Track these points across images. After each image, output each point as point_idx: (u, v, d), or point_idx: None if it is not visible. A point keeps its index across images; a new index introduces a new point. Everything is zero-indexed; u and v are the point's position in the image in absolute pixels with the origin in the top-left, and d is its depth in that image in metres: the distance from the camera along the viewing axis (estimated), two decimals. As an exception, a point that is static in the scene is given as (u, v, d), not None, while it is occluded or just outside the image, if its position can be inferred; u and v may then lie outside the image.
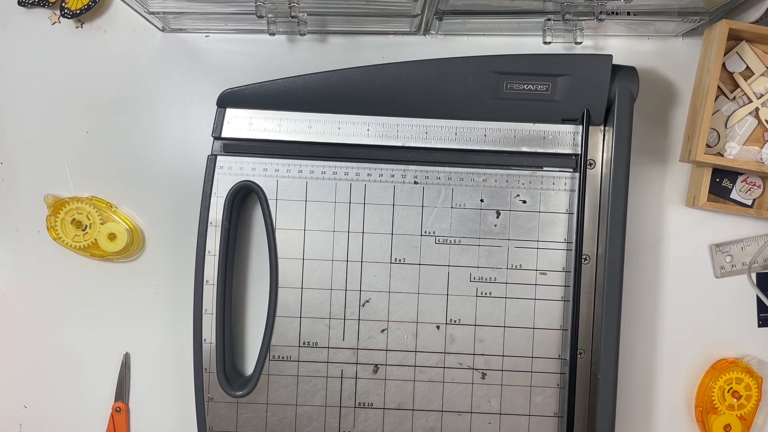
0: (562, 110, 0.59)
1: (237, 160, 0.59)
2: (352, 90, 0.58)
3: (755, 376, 0.63)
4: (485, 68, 0.58)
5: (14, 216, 0.64)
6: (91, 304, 0.65)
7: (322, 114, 0.59)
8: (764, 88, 0.62)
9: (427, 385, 0.60)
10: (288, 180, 0.59)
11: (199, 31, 0.64)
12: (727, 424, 0.63)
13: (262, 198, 0.59)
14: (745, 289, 0.65)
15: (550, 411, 0.60)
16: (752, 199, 0.63)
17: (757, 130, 0.62)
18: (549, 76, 0.58)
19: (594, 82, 0.58)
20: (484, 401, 0.60)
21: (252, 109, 0.59)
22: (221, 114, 0.59)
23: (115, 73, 0.64)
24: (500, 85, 0.58)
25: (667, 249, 0.65)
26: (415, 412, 0.60)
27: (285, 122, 0.59)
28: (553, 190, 0.60)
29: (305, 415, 0.60)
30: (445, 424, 0.60)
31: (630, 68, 0.59)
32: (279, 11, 0.57)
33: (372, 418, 0.60)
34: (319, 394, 0.60)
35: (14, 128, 0.64)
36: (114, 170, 0.64)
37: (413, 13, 0.58)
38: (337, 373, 0.60)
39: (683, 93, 0.64)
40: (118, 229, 0.62)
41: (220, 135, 0.59)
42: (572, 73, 0.58)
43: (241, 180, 0.59)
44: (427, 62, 0.58)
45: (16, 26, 0.64)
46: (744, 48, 0.62)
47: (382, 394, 0.60)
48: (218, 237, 0.59)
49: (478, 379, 0.60)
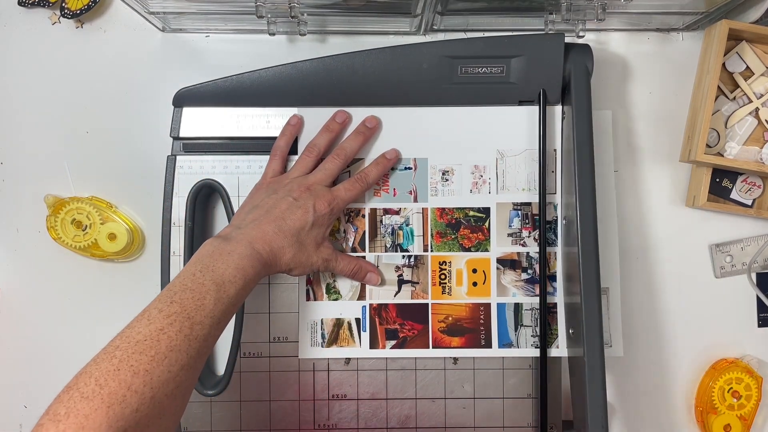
0: (519, 92, 0.59)
1: (197, 159, 0.59)
2: (308, 82, 0.59)
3: (755, 376, 0.63)
4: (438, 53, 0.58)
5: (14, 216, 0.64)
6: (91, 304, 0.65)
7: (280, 108, 0.59)
8: (764, 88, 0.62)
9: (399, 374, 0.60)
10: (249, 176, 0.59)
11: (199, 31, 0.64)
12: (727, 424, 0.63)
13: (224, 196, 0.59)
14: (745, 289, 0.65)
15: (524, 392, 0.60)
16: (752, 199, 0.63)
17: (757, 130, 0.62)
18: (502, 58, 0.58)
19: (548, 61, 0.58)
20: (458, 386, 0.60)
21: (208, 106, 0.59)
22: (178, 113, 0.59)
23: (115, 73, 0.64)
24: (455, 70, 0.58)
25: (667, 249, 0.65)
26: (389, 401, 0.60)
27: (243, 118, 0.59)
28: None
29: (280, 410, 0.60)
30: (420, 411, 0.60)
31: (584, 46, 0.59)
32: (279, 11, 0.57)
33: (346, 410, 0.60)
34: (292, 388, 0.60)
35: (14, 128, 0.64)
36: (114, 170, 0.64)
37: (414, 13, 0.58)
38: (309, 366, 0.60)
39: (683, 93, 0.64)
40: (118, 229, 0.62)
41: (178, 135, 0.59)
42: (525, 53, 0.58)
43: (202, 179, 0.59)
44: (381, 50, 0.59)
45: (16, 26, 0.64)
46: (744, 48, 0.62)
47: (355, 384, 0.60)
48: (182, 237, 0.59)
49: (450, 364, 0.60)
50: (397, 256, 0.60)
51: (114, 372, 0.40)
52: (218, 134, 0.59)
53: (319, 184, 0.55)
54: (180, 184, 0.59)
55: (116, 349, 0.42)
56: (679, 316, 0.65)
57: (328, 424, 0.60)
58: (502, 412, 0.61)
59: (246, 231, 0.51)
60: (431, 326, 0.59)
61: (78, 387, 0.39)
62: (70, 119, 0.64)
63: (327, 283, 0.60)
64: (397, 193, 0.60)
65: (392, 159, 0.59)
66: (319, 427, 0.60)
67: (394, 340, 0.59)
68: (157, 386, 0.41)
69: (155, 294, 0.62)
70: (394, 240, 0.60)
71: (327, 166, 0.57)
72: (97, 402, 0.38)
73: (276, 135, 0.59)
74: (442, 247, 0.60)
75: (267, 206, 0.53)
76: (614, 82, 0.64)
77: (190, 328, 0.44)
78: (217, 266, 0.48)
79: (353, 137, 0.58)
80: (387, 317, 0.59)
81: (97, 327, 0.65)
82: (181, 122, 0.59)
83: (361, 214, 0.60)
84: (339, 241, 0.59)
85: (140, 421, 0.39)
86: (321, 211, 0.54)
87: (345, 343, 0.59)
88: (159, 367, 0.41)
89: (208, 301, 0.45)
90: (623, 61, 0.64)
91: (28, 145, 0.64)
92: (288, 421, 0.60)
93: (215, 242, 0.50)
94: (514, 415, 0.61)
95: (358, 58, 0.58)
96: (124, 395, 0.39)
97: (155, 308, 0.44)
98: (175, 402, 0.42)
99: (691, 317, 0.65)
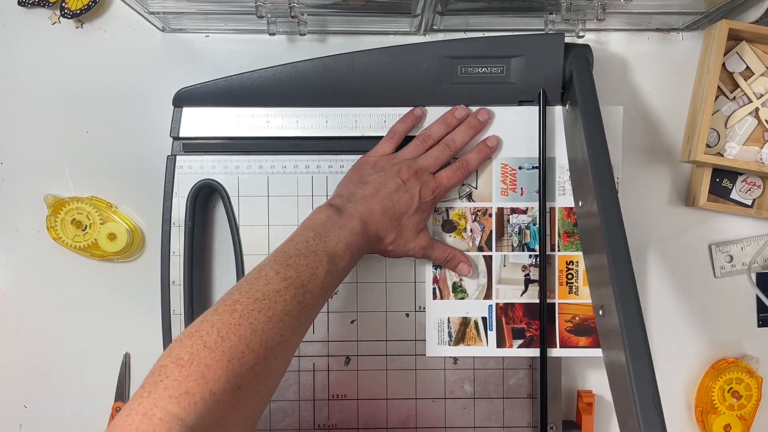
0: (519, 91, 0.59)
1: (197, 159, 0.59)
2: (308, 82, 0.59)
3: (755, 376, 0.63)
4: (438, 53, 0.58)
5: (14, 216, 0.64)
6: (91, 304, 0.65)
7: (279, 108, 0.59)
8: (764, 88, 0.62)
9: (399, 374, 0.60)
10: (249, 176, 0.59)
11: (199, 31, 0.64)
12: (727, 424, 0.63)
13: (224, 196, 0.59)
14: (745, 289, 0.65)
15: (524, 392, 0.60)
16: (752, 199, 0.63)
17: (757, 130, 0.62)
18: (502, 58, 0.58)
19: (548, 61, 0.58)
20: (458, 386, 0.60)
21: (208, 106, 0.59)
22: (178, 113, 0.59)
23: (115, 73, 0.64)
24: (455, 70, 0.58)
25: (667, 249, 0.65)
26: (389, 401, 0.60)
27: (243, 118, 0.59)
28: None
29: (279, 411, 0.60)
30: (420, 411, 0.60)
31: (584, 45, 0.59)
32: (279, 11, 0.57)
33: (346, 410, 0.60)
34: (291, 388, 0.60)
35: (14, 128, 0.64)
36: (114, 170, 0.64)
37: (414, 13, 0.58)
38: (309, 366, 0.60)
39: (683, 93, 0.64)
40: (118, 229, 0.62)
41: (178, 135, 0.59)
42: (525, 53, 0.58)
43: (202, 179, 0.59)
44: (381, 50, 0.59)
45: (16, 26, 0.64)
46: (744, 48, 0.62)
47: (355, 385, 0.60)
48: (182, 237, 0.59)
49: (450, 364, 0.60)
50: (524, 255, 0.59)
51: (235, 326, 0.40)
52: (218, 134, 0.59)
53: (426, 170, 0.55)
54: (180, 184, 0.59)
55: (236, 303, 0.42)
56: (678, 316, 0.65)
57: (328, 424, 0.60)
58: (502, 412, 0.61)
59: (356, 206, 0.51)
60: (558, 326, 0.59)
61: (201, 334, 0.39)
62: (70, 119, 0.64)
63: (453, 282, 0.59)
64: (524, 192, 0.59)
65: (493, 146, 0.58)
66: (319, 427, 0.60)
67: (521, 339, 0.59)
68: (270, 347, 0.41)
69: (155, 294, 0.62)
70: (521, 239, 0.59)
71: (436, 153, 0.56)
72: (219, 353, 0.38)
73: (276, 135, 0.59)
74: (569, 246, 0.59)
75: (375, 183, 0.53)
76: (614, 82, 0.64)
77: (303, 296, 0.44)
78: (330, 237, 0.48)
79: (464, 129, 0.58)
80: (513, 316, 0.59)
81: (97, 327, 0.65)
82: (181, 122, 0.59)
83: (488, 213, 0.59)
84: (465, 240, 0.59)
85: (252, 381, 0.40)
86: (425, 198, 0.54)
87: (472, 342, 0.59)
88: (274, 329, 0.41)
89: (320, 271, 0.46)
90: (623, 61, 0.64)
91: (28, 145, 0.64)
92: (288, 421, 0.60)
93: (328, 211, 0.50)
94: (514, 415, 0.61)
95: (358, 58, 0.58)
96: (243, 351, 0.39)
97: (272, 269, 0.44)
98: (281, 367, 0.43)
99: (691, 317, 0.65)
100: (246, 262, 0.59)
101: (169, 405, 0.36)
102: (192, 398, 0.36)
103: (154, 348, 0.63)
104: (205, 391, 0.37)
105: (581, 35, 0.61)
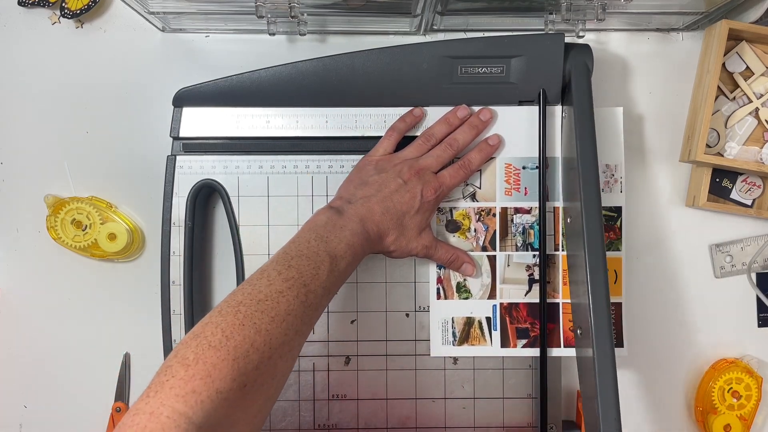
0: (519, 91, 0.59)
1: (197, 159, 0.59)
2: (308, 82, 0.59)
3: (755, 376, 0.63)
4: (438, 53, 0.58)
5: (14, 216, 0.64)
6: (91, 304, 0.65)
7: (279, 108, 0.59)
8: (764, 88, 0.62)
9: (399, 374, 0.60)
10: (249, 176, 0.59)
11: (199, 31, 0.64)
12: (727, 424, 0.63)
13: (224, 196, 0.59)
14: (745, 289, 0.65)
15: (524, 392, 0.60)
16: (752, 199, 0.63)
17: (757, 130, 0.62)
18: (502, 58, 0.58)
19: (548, 61, 0.58)
20: (458, 386, 0.61)
21: (208, 106, 0.59)
22: (178, 113, 0.59)
23: (115, 73, 0.64)
24: (455, 70, 0.58)
25: (667, 249, 0.65)
26: (389, 401, 0.60)
27: (243, 118, 0.59)
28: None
29: (280, 411, 0.60)
30: (420, 411, 0.60)
31: (584, 45, 0.59)
32: (279, 11, 0.57)
33: (346, 410, 0.60)
34: (291, 388, 0.60)
35: (14, 128, 0.64)
36: (114, 170, 0.64)
37: (414, 13, 0.58)
38: (309, 366, 0.60)
39: (683, 93, 0.64)
40: (118, 229, 0.62)
41: (178, 135, 0.59)
42: (525, 53, 0.58)
43: (202, 179, 0.59)
44: (381, 50, 0.59)
45: (16, 26, 0.64)
46: (744, 48, 0.62)
47: (355, 385, 0.60)
48: (182, 237, 0.59)
49: (450, 364, 0.60)
50: (528, 255, 0.59)
51: (239, 326, 0.40)
52: (218, 134, 0.59)
53: (428, 170, 0.55)
54: (180, 184, 0.59)
55: (239, 304, 0.42)
56: (679, 316, 0.65)
57: (328, 424, 0.60)
58: (502, 412, 0.61)
59: (356, 207, 0.52)
60: (562, 325, 0.59)
61: (205, 335, 0.40)
62: (70, 119, 0.64)
63: (457, 282, 0.59)
64: (528, 192, 0.59)
65: (495, 145, 0.58)
66: (319, 427, 0.60)
67: (526, 339, 0.59)
68: (275, 347, 0.41)
69: (155, 294, 0.62)
70: (524, 239, 0.59)
71: (438, 153, 0.56)
72: (224, 353, 0.39)
73: (275, 135, 0.59)
74: None
75: (377, 184, 0.54)
76: (614, 82, 0.64)
77: (306, 295, 0.44)
78: (331, 238, 0.48)
79: (466, 129, 0.58)
80: (518, 316, 0.59)
81: (97, 327, 0.65)
82: (181, 122, 0.59)
83: (492, 213, 0.59)
84: (469, 239, 0.59)
85: (257, 380, 0.40)
86: (427, 198, 0.54)
87: (476, 342, 0.59)
88: (278, 328, 0.42)
89: (322, 271, 0.46)
90: (623, 61, 0.64)
91: (28, 145, 0.64)
92: (288, 421, 0.60)
93: (328, 213, 0.51)
94: (514, 415, 0.61)
95: (358, 58, 0.58)
96: (248, 351, 0.40)
97: (274, 270, 0.45)
98: (287, 365, 0.43)
99: (691, 317, 0.65)
100: (246, 262, 0.59)
101: (176, 403, 0.36)
102: (198, 396, 0.37)
103: (154, 348, 0.64)
104: (212, 389, 0.37)
105: (581, 35, 0.61)
